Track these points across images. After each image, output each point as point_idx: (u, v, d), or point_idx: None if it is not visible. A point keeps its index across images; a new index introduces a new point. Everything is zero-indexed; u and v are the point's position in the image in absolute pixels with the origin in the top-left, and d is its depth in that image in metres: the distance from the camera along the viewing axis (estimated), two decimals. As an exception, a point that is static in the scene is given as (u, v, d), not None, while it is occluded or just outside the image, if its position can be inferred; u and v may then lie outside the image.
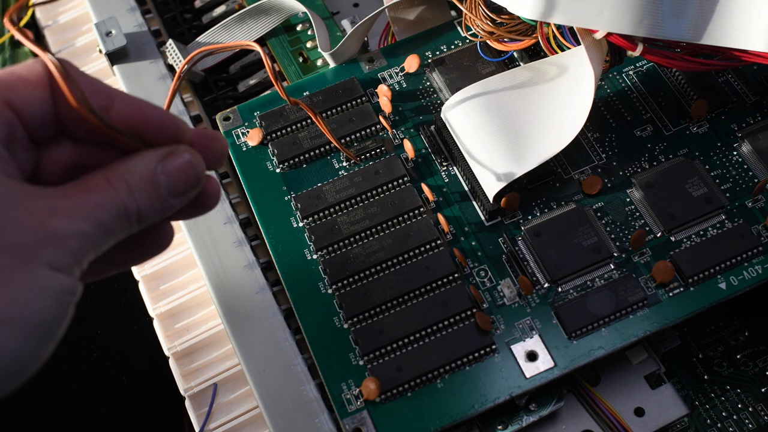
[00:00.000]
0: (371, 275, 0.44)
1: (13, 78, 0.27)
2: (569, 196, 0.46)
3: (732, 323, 0.49)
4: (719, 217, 0.44)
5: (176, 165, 0.28)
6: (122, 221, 0.27)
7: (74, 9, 0.60)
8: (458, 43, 0.52)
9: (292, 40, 0.55)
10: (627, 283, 0.42)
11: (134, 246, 0.30)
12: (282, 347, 0.43)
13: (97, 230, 0.26)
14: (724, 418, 0.46)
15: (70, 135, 0.29)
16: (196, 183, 0.29)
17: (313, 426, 0.41)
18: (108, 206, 0.27)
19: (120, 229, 0.27)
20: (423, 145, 0.48)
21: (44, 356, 0.26)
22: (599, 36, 0.42)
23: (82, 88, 0.26)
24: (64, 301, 0.26)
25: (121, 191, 0.27)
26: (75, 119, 0.28)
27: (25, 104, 0.27)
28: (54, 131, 0.29)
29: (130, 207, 0.27)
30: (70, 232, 0.25)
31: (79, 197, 0.26)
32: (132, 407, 0.56)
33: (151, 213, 0.28)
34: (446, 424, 0.40)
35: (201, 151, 0.29)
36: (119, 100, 0.28)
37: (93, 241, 0.26)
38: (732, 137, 0.47)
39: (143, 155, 0.28)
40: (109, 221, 0.27)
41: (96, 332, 0.58)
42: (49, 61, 0.26)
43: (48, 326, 0.25)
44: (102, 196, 0.27)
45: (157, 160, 0.28)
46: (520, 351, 0.41)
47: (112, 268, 0.31)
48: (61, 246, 0.25)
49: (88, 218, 0.26)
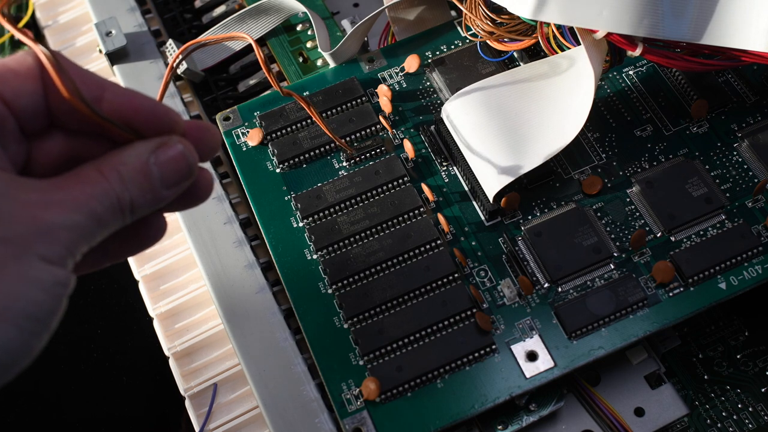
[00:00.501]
0: (371, 275, 0.44)
1: (3, 70, 0.27)
2: (569, 196, 0.46)
3: (732, 323, 0.49)
4: (719, 217, 0.44)
5: (169, 156, 0.28)
6: (115, 213, 0.27)
7: (74, 9, 0.60)
8: (458, 43, 0.52)
9: (292, 40, 0.55)
10: (627, 283, 0.42)
11: (127, 237, 0.30)
12: (282, 347, 0.43)
13: (90, 222, 0.26)
14: (724, 418, 0.46)
15: (61, 127, 0.29)
16: (189, 174, 0.29)
17: (313, 426, 0.41)
18: (101, 198, 0.26)
19: (113, 221, 0.27)
20: (423, 145, 0.48)
21: (37, 349, 0.25)
22: (599, 36, 0.42)
23: (73, 79, 0.26)
24: (57, 293, 0.25)
25: (113, 182, 0.27)
26: (66, 110, 0.28)
27: (15, 96, 0.27)
28: (45, 123, 0.28)
29: (123, 198, 0.27)
30: (63, 225, 0.25)
31: (71, 189, 0.26)
32: (132, 407, 0.56)
33: (143, 204, 0.28)
34: (446, 424, 0.40)
35: (193, 142, 0.29)
36: (110, 91, 0.28)
37: (86, 233, 0.26)
38: (732, 137, 0.47)
39: (135, 146, 0.28)
40: (102, 213, 0.26)
41: (96, 332, 0.58)
42: (41, 51, 0.26)
43: (41, 319, 0.25)
44: (95, 188, 0.26)
45: (150, 151, 0.28)
46: (520, 351, 0.41)
47: (106, 259, 0.31)
48: (54, 238, 0.25)
49: (81, 210, 0.26)
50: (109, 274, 0.59)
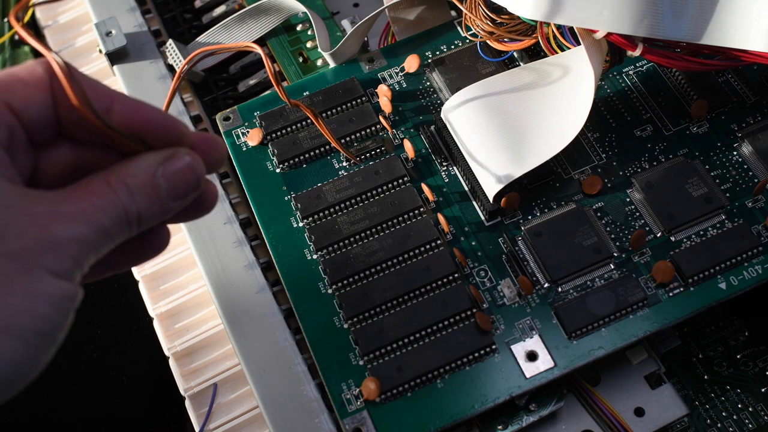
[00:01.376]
0: (371, 275, 0.44)
1: (12, 80, 0.27)
2: (569, 196, 0.46)
3: (732, 323, 0.49)
4: (719, 217, 0.44)
5: (177, 168, 0.28)
6: (122, 225, 0.27)
7: (74, 9, 0.60)
8: (458, 43, 0.52)
9: (292, 40, 0.55)
10: (627, 283, 0.42)
11: (132, 248, 0.30)
12: (282, 347, 0.43)
13: (98, 234, 0.26)
14: (724, 418, 0.46)
15: (69, 137, 0.29)
16: (197, 186, 0.29)
17: (313, 426, 0.41)
18: (108, 210, 0.26)
19: (120, 233, 0.27)
20: (423, 145, 0.48)
21: (43, 363, 0.25)
22: (599, 36, 0.42)
23: (84, 89, 0.26)
24: (65, 307, 0.25)
25: (121, 195, 0.27)
26: (75, 121, 0.28)
27: (25, 106, 0.27)
28: (53, 133, 0.28)
29: (130, 210, 0.27)
30: (71, 238, 0.25)
31: (79, 202, 0.26)
32: (132, 407, 0.56)
33: (150, 216, 0.28)
34: (446, 424, 0.40)
35: (201, 154, 0.29)
36: (119, 102, 0.28)
37: (94, 245, 0.26)
38: (732, 137, 0.47)
39: (144, 158, 0.28)
40: (109, 225, 0.26)
41: (96, 332, 0.58)
42: (53, 60, 0.26)
43: (48, 333, 0.25)
44: (102, 200, 0.26)
45: (158, 163, 0.28)
46: (520, 351, 0.41)
47: (108, 270, 0.31)
48: (62, 252, 0.25)
49: (89, 223, 0.26)
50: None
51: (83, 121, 0.27)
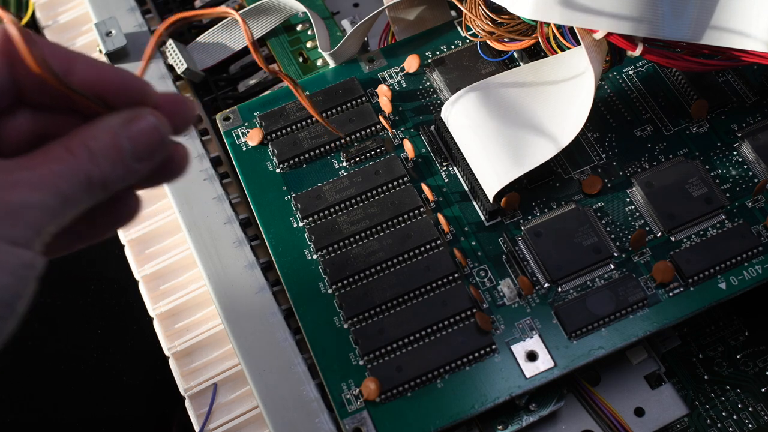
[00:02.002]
0: (371, 275, 0.44)
1: None
2: (569, 196, 0.46)
3: (732, 323, 0.49)
4: (719, 217, 0.44)
5: (140, 128, 0.27)
6: (84, 190, 0.26)
7: (74, 9, 0.60)
8: (458, 43, 0.52)
9: (292, 40, 0.55)
10: (627, 283, 0.42)
11: (101, 216, 0.29)
12: (282, 347, 0.43)
13: (58, 201, 0.25)
14: (724, 418, 0.46)
15: (29, 103, 0.28)
16: (161, 147, 0.28)
17: (313, 426, 0.41)
18: (68, 176, 0.26)
19: (83, 198, 0.26)
20: (423, 145, 0.48)
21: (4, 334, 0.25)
22: (599, 36, 0.42)
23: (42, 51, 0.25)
24: (24, 275, 0.25)
25: (81, 159, 0.26)
26: (34, 86, 0.27)
27: None
28: (12, 100, 0.27)
29: (92, 174, 0.26)
30: (29, 205, 0.25)
31: (37, 168, 0.25)
32: (132, 407, 0.56)
33: (115, 179, 0.27)
34: (446, 424, 0.40)
35: (167, 114, 0.28)
36: (80, 63, 0.27)
37: (54, 212, 0.25)
38: (732, 137, 0.47)
39: (106, 119, 0.27)
40: (69, 191, 0.26)
41: (96, 332, 0.58)
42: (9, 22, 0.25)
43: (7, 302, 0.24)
44: (62, 166, 0.26)
45: (120, 124, 0.27)
46: (520, 351, 0.41)
47: (78, 241, 0.30)
48: (20, 219, 0.24)
49: (47, 189, 0.25)
50: (109, 274, 0.59)
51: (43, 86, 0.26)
